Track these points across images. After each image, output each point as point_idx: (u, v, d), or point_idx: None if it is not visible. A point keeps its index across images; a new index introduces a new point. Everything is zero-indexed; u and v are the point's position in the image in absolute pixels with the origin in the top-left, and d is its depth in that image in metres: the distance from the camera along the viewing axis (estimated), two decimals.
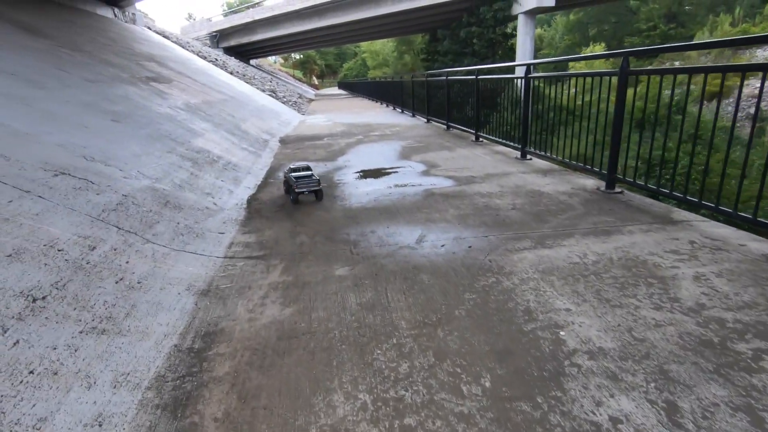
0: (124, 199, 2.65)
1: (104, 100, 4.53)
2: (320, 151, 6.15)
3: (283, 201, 3.68)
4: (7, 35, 5.37)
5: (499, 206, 3.19)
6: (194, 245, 2.55)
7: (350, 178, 4.39)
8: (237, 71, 17.77)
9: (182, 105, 6.18)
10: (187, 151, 4.24)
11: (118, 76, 5.96)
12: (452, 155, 5.34)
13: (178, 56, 12.30)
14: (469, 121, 7.18)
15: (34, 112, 3.28)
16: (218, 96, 8.82)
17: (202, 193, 3.41)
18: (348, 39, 37.59)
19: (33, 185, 2.28)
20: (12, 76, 3.90)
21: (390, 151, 5.85)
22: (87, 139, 3.28)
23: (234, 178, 4.19)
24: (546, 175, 4.09)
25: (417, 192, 3.69)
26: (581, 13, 43.74)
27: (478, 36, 21.29)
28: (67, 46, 6.31)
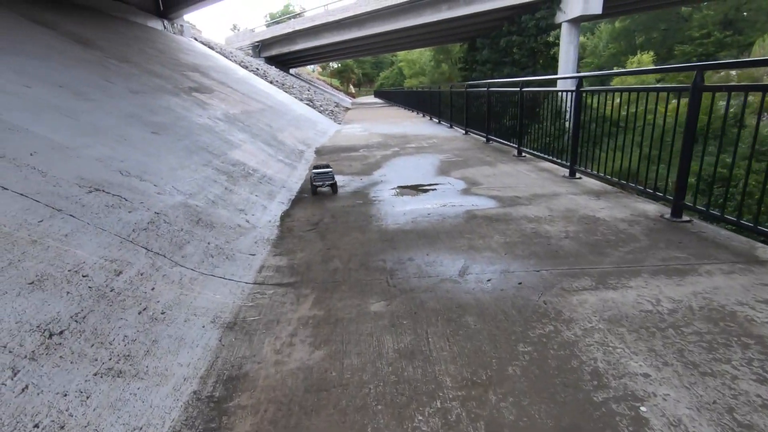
0: (155, 218, 2.57)
1: (146, 111, 4.59)
2: (356, 164, 6.01)
3: (317, 218, 3.54)
4: (62, 47, 5.59)
5: (550, 233, 2.90)
6: (224, 268, 2.43)
7: (386, 195, 4.20)
8: (276, 80, 18.13)
9: (221, 115, 6.23)
10: (223, 164, 4.19)
11: (162, 87, 6.08)
12: (494, 171, 5.06)
13: (220, 66, 12.64)
14: (510, 134, 6.87)
15: (76, 125, 3.31)
16: (257, 106, 8.92)
17: (235, 210, 3.32)
18: (386, 48, 37.80)
19: (66, 203, 2.23)
20: (61, 88, 3.99)
21: (427, 165, 5.63)
22: (126, 152, 3.27)
23: (268, 193, 4.10)
24: (600, 198, 3.75)
25: (458, 213, 3.45)
26: (628, 20, 42.05)
27: (519, 45, 20.77)
28: (116, 57, 6.53)
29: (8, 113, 2.90)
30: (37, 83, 3.78)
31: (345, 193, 4.36)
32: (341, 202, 4.02)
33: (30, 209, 2.04)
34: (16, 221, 1.92)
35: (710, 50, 36.90)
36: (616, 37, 44.30)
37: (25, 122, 2.88)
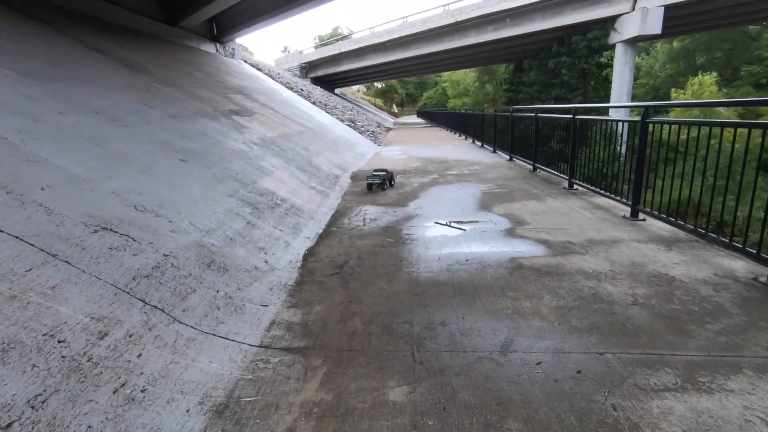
0: (163, 261, 2.35)
1: (180, 137, 4.52)
2: (391, 192, 5.70)
3: (342, 259, 3.22)
4: (110, 72, 5.74)
5: (614, 297, 2.41)
6: (228, 325, 2.15)
7: (420, 232, 3.83)
8: (320, 101, 18.40)
9: (258, 139, 6.16)
10: (250, 193, 4.00)
11: (202, 111, 6.11)
12: (542, 207, 4.57)
13: (265, 88, 12.91)
14: (560, 163, 6.34)
15: (103, 154, 3.21)
16: (296, 128, 8.89)
17: (254, 248, 3.07)
18: (430, 69, 37.86)
19: (64, 246, 2.04)
20: (97, 114, 3.98)
21: (468, 197, 5.22)
22: (147, 183, 3.12)
23: (294, 226, 3.85)
24: (671, 248, 3.18)
25: (501, 261, 3.02)
26: (687, 39, 39.79)
27: (569, 66, 19.97)
28: (162, 81, 6.67)
29: (33, 143, 2.83)
30: (74, 110, 3.77)
31: (376, 228, 4.03)
32: (371, 239, 3.69)
33: (20, 256, 1.86)
34: (0, 271, 1.73)
35: None
36: (674, 57, 42.01)
37: (47, 152, 2.79)
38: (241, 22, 14.34)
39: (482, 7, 20.11)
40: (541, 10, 18.76)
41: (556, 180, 6.16)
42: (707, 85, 29.55)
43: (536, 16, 19.00)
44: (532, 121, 7.04)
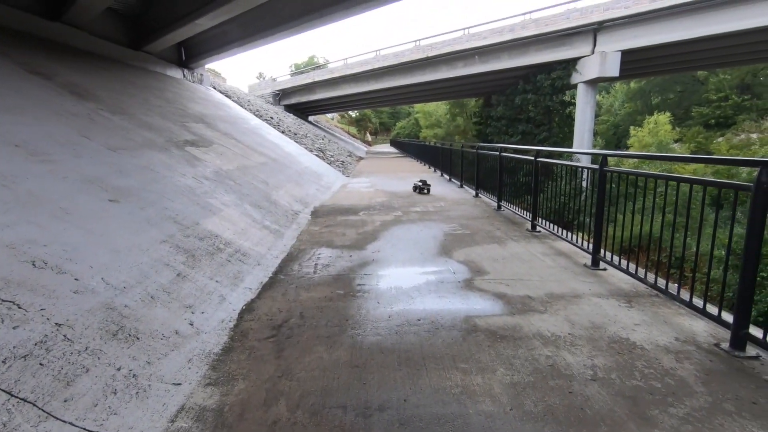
0: (51, 333, 1.97)
1: (115, 172, 4.15)
2: (350, 232, 5.44)
3: (283, 317, 2.90)
4: (48, 99, 5.33)
5: (572, 369, 2.20)
6: (122, 416, 1.78)
7: (374, 282, 3.56)
8: (290, 129, 18.20)
9: (211, 173, 5.82)
10: (188, 237, 3.65)
11: (150, 141, 5.74)
12: (503, 253, 4.40)
13: (231, 116, 12.61)
14: (523, 201, 6.28)
15: (8, 196, 2.82)
16: (258, 159, 8.59)
17: (179, 307, 2.71)
18: (402, 100, 38.59)
19: None
20: (16, 147, 3.58)
21: (429, 239, 5.01)
22: (58, 231, 2.74)
23: (235, 275, 3.50)
24: (631, 305, 3.04)
25: (455, 322, 2.77)
26: (643, 81, 42.45)
27: (534, 103, 20.70)
28: (110, 109, 6.28)
29: None
30: None
31: (327, 276, 3.74)
32: (319, 291, 3.38)
33: None
34: None
35: (728, 113, 36.61)
36: (631, 96, 44.62)
37: None
38: (210, 48, 14.13)
39: (452, 45, 20.76)
40: (507, 50, 19.51)
41: (519, 220, 6.08)
42: (662, 123, 31.31)
43: (503, 55, 19.73)
44: (497, 159, 7.02)
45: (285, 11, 11.22)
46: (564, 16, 17.40)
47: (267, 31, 12.11)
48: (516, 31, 18.61)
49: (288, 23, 11.31)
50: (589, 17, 16.70)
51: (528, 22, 18.35)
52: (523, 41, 18.83)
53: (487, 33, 19.54)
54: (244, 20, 12.14)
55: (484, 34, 19.63)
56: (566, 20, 17.32)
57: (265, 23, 11.95)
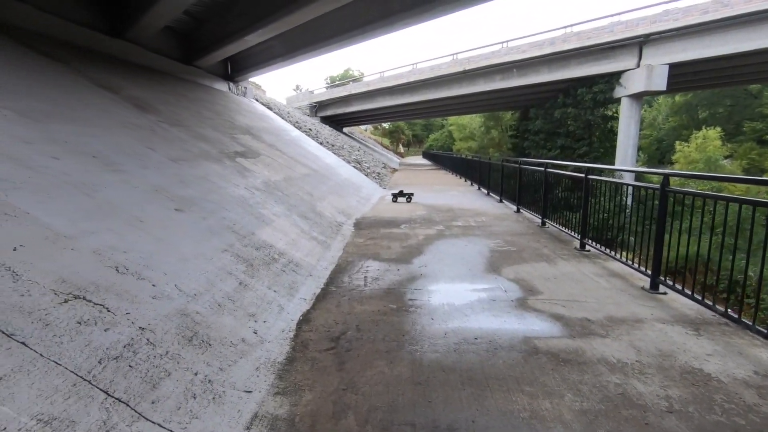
0: (137, 336, 2.10)
1: (178, 182, 4.37)
2: (395, 245, 5.47)
3: (340, 329, 2.95)
4: (117, 111, 5.70)
5: (645, 399, 2.11)
6: (203, 420, 1.86)
7: (425, 298, 3.57)
8: (327, 141, 18.58)
9: (261, 184, 6.02)
10: (246, 247, 3.79)
11: (206, 153, 6.01)
12: (554, 272, 4.31)
13: (274, 127, 13.02)
14: (566, 212, 6.15)
15: (90, 204, 3.03)
16: (301, 170, 8.81)
17: (244, 315, 2.81)
18: (437, 113, 38.64)
19: (24, 322, 1.80)
20: (94, 158, 3.85)
21: (475, 255, 4.97)
22: (134, 238, 2.92)
23: (290, 285, 3.59)
24: (700, 333, 2.90)
25: (513, 343, 2.73)
26: (690, 94, 40.72)
27: (574, 117, 20.23)
28: (169, 121, 6.64)
29: (16, 193, 2.66)
30: (69, 154, 3.64)
31: (378, 290, 3.77)
32: (372, 304, 3.42)
33: None
34: None
35: None
36: (677, 110, 42.88)
37: (29, 204, 2.61)
38: (255, 63, 14.70)
39: (490, 58, 20.68)
40: (547, 63, 19.23)
41: (566, 238, 5.93)
42: (711, 139, 29.84)
43: (542, 68, 19.46)
44: (541, 175, 6.91)
45: (326, 29, 11.55)
46: (607, 30, 17.02)
47: (309, 46, 12.48)
48: (556, 45, 18.34)
49: (330, 39, 11.63)
50: (634, 30, 16.26)
51: (569, 35, 18.07)
52: (563, 54, 18.52)
53: (527, 46, 19.36)
54: (288, 37, 12.57)
55: (523, 48, 19.46)
56: (610, 33, 16.93)
57: (307, 39, 12.34)
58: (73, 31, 8.56)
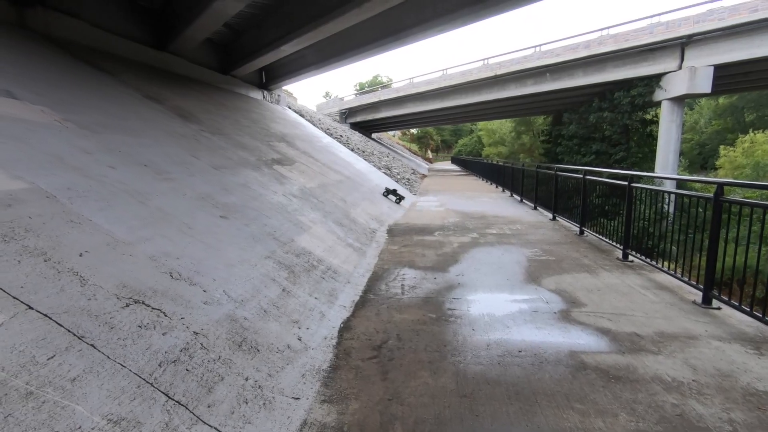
0: (192, 341, 2.18)
1: (222, 189, 4.52)
2: (430, 253, 5.45)
3: (381, 337, 2.96)
4: (163, 121, 5.97)
5: (707, 423, 2.01)
6: (256, 425, 1.91)
7: (465, 308, 3.53)
8: (358, 147, 18.77)
9: (297, 190, 6.14)
10: (287, 254, 3.87)
11: (245, 161, 6.20)
12: (597, 283, 4.18)
13: (307, 134, 13.28)
14: (607, 225, 5.95)
15: (144, 212, 3.18)
16: (334, 177, 8.93)
17: (288, 322, 2.87)
18: (466, 118, 38.36)
19: (92, 325, 1.91)
20: (145, 167, 4.04)
21: (512, 263, 4.89)
22: (185, 245, 3.04)
23: (330, 293, 3.64)
24: (762, 353, 2.73)
25: (560, 357, 2.67)
26: (735, 96, 38.70)
27: (611, 121, 19.62)
28: (210, 129, 6.89)
29: (80, 201, 2.82)
30: (123, 163, 3.84)
31: (416, 299, 3.77)
32: (411, 313, 3.42)
33: (45, 339, 1.72)
34: (21, 360, 1.59)
35: None
36: (720, 113, 40.82)
37: (91, 211, 2.77)
38: (288, 71, 15.06)
39: (521, 63, 20.39)
40: (582, 66, 18.78)
41: (607, 248, 5.74)
42: (760, 143, 28.19)
43: (577, 72, 19.02)
44: (579, 182, 6.73)
45: (359, 37, 11.69)
46: (646, 31, 16.45)
47: (341, 55, 12.68)
48: (592, 48, 17.88)
49: (362, 47, 11.77)
50: (676, 31, 15.65)
51: (605, 38, 17.58)
52: (599, 57, 18.04)
53: (560, 50, 18.98)
54: (320, 46, 12.80)
55: (556, 51, 19.08)
56: (649, 35, 16.36)
57: (339, 48, 12.54)
58: (122, 45, 9.04)
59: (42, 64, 5.51)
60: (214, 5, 7.76)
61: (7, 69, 4.51)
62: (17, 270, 1.98)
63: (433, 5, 9.49)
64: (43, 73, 5.12)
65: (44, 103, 4.17)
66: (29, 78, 4.67)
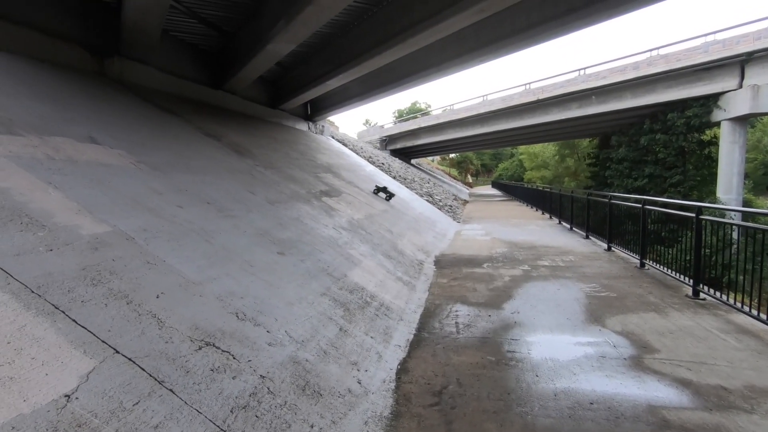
0: (259, 385, 2.21)
1: (277, 225, 4.67)
2: (481, 287, 5.31)
3: (440, 382, 2.88)
4: (221, 157, 6.31)
5: None
6: None
7: (525, 350, 3.38)
8: (399, 175, 18.94)
9: (346, 223, 6.24)
10: (341, 290, 3.90)
11: (296, 194, 6.40)
12: (667, 325, 3.88)
13: (350, 164, 13.58)
14: (671, 257, 5.57)
15: (210, 250, 3.33)
16: (379, 207, 9.02)
17: (347, 363, 2.86)
18: (507, 143, 37.92)
19: (171, 368, 1.98)
20: (208, 204, 4.26)
21: (570, 300, 4.66)
22: (247, 283, 3.13)
23: (384, 331, 3.61)
24: None
25: (637, 413, 2.47)
26: None
27: (664, 144, 18.70)
28: (264, 164, 7.20)
29: (154, 242, 3.00)
30: (190, 202, 4.06)
31: (472, 339, 3.66)
32: (469, 355, 3.31)
33: (131, 384, 1.80)
34: (110, 406, 1.67)
35: None
36: None
37: (164, 252, 2.93)
38: (333, 103, 15.62)
39: (565, 86, 20.04)
40: (631, 88, 18.19)
41: (673, 283, 5.36)
42: None
43: (625, 94, 18.43)
44: (637, 211, 6.40)
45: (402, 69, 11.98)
46: (701, 50, 15.76)
47: (384, 86, 13.02)
48: (641, 69, 17.31)
49: (405, 78, 12.03)
50: (734, 48, 14.88)
51: (655, 58, 16.98)
52: (649, 78, 17.41)
53: (606, 72, 18.51)
54: (364, 78, 13.23)
55: (602, 74, 18.62)
56: (704, 54, 15.66)
57: (382, 80, 12.89)
58: (185, 87, 9.76)
59: (118, 108, 6.03)
60: (269, 47, 8.25)
61: (90, 116, 4.97)
62: (105, 313, 2.11)
63: (476, 36, 9.61)
64: (119, 118, 5.60)
65: (121, 146, 4.53)
66: (108, 123, 5.11)
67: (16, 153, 3.21)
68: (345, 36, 10.01)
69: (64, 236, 2.53)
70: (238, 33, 9.61)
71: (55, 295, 2.06)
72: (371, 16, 9.05)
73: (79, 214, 2.85)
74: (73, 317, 1.98)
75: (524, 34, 8.56)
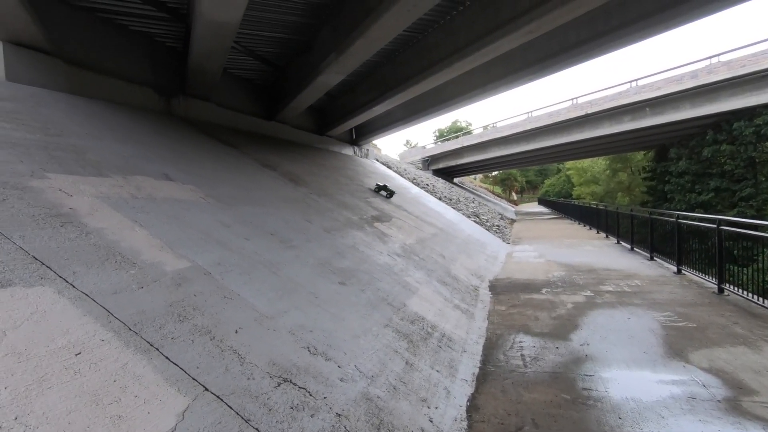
0: (336, 424, 2.21)
1: (335, 254, 4.75)
2: (542, 315, 5.10)
3: (515, 424, 2.75)
4: (278, 188, 6.57)
5: None
6: None
7: (602, 388, 3.17)
8: (444, 195, 18.84)
9: (399, 248, 6.25)
10: (402, 321, 3.87)
11: (349, 220, 6.51)
12: (762, 361, 3.52)
13: (396, 186, 13.68)
14: (763, 284, 5.08)
15: (278, 282, 3.44)
16: (429, 230, 8.97)
17: (417, 400, 2.81)
18: (553, 159, 36.83)
19: (255, 406, 2.03)
20: (271, 236, 4.42)
21: (644, 331, 4.36)
22: (315, 315, 3.19)
23: (449, 364, 3.53)
24: None
25: None
26: None
27: (731, 155, 17.41)
28: (317, 191, 7.41)
29: (228, 275, 3.14)
30: (255, 233, 4.24)
31: (542, 373, 3.49)
32: (541, 392, 3.16)
33: (221, 422, 1.86)
34: None
35: None
36: None
37: (237, 285, 3.05)
38: (376, 128, 15.94)
39: (616, 99, 19.29)
40: (689, 98, 17.20)
41: (760, 311, 4.88)
42: None
43: (683, 104, 17.44)
44: (711, 233, 5.94)
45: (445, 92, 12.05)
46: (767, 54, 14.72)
47: (428, 110, 13.14)
48: (700, 77, 16.37)
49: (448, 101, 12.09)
50: None
51: (716, 65, 16.03)
52: (710, 87, 16.41)
53: (661, 83, 17.65)
54: (408, 103, 13.45)
55: (657, 85, 17.77)
56: None
57: (426, 104, 13.02)
58: (241, 120, 10.35)
59: (185, 144, 6.47)
60: (319, 79, 8.61)
61: (163, 153, 5.36)
62: (192, 350, 2.21)
63: (523, 56, 9.53)
64: (187, 153, 6.00)
65: (191, 181, 4.83)
66: (178, 159, 5.49)
67: (105, 194, 3.51)
68: (390, 63, 10.25)
69: (152, 273, 2.70)
70: (289, 66, 10.11)
71: (149, 332, 2.19)
72: (416, 43, 9.23)
73: (162, 250, 3.05)
74: (166, 354, 2.09)
75: (574, 50, 8.40)
